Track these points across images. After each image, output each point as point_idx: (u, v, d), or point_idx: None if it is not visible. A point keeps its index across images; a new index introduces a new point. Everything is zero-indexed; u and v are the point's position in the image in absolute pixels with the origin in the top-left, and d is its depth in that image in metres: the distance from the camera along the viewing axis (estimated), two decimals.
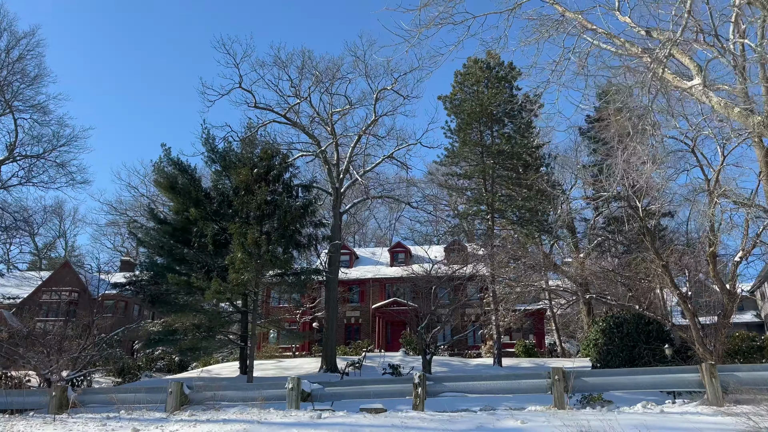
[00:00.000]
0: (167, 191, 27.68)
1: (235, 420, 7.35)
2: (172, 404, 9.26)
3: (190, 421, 7.43)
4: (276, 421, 7.49)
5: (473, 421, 7.29)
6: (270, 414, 8.07)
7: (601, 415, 7.56)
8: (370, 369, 31.46)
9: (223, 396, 9.50)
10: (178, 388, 9.67)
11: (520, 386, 9.72)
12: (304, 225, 28.66)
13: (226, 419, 7.40)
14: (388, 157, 34.89)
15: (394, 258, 45.00)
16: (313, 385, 9.63)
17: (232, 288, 24.66)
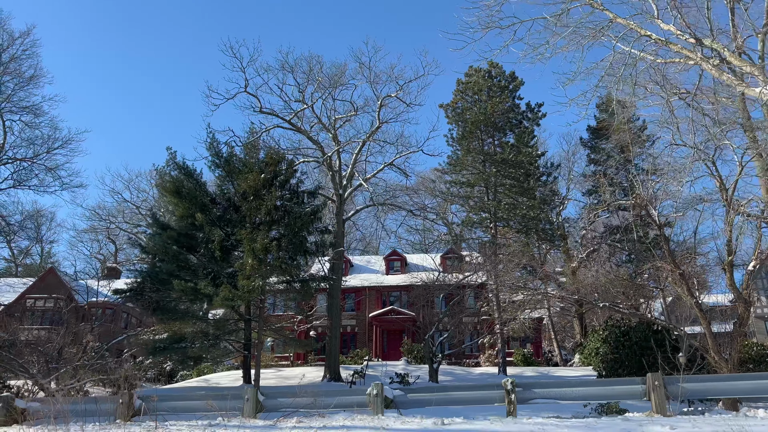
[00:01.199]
0: (173, 196, 27.05)
1: (356, 427, 7.01)
2: (248, 411, 8.92)
3: (302, 427, 7.10)
4: (397, 427, 7.19)
5: (615, 427, 7.10)
6: (381, 419, 7.76)
7: (734, 420, 7.48)
8: (374, 378, 31.09)
9: (297, 403, 9.18)
10: (254, 394, 9.33)
11: (614, 392, 9.61)
12: (312, 231, 28.29)
13: (346, 425, 7.05)
14: (389, 164, 34.80)
15: (389, 266, 44.78)
16: (395, 392, 9.37)
17: (242, 295, 24.17)
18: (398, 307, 41.37)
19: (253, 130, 32.31)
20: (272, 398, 9.55)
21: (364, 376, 30.53)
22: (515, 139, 33.92)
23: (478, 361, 37.99)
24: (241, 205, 27.45)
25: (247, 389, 9.58)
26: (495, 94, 35.07)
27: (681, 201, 23.40)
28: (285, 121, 31.88)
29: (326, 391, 9.67)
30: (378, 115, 33.23)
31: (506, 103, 34.94)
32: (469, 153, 34.18)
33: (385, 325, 40.99)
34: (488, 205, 32.58)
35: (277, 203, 26.39)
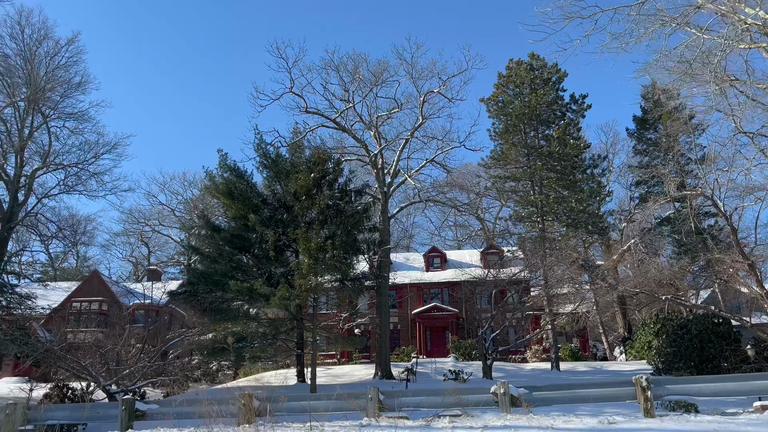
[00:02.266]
0: (225, 197, 27.23)
1: (517, 426, 6.84)
2: (372, 410, 8.86)
3: (462, 427, 7.01)
4: (561, 427, 7.05)
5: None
6: (541, 419, 7.62)
7: None
8: (425, 375, 31.01)
9: (419, 402, 9.10)
10: (376, 394, 9.27)
11: (754, 387, 9.36)
12: (362, 230, 28.28)
13: (508, 425, 6.88)
14: (430, 160, 34.63)
15: (429, 263, 44.59)
16: (520, 390, 9.25)
17: (300, 294, 24.26)
18: (440, 304, 41.21)
19: (297, 130, 32.35)
20: (391, 398, 9.48)
21: (415, 373, 30.43)
22: (560, 131, 33.48)
23: (525, 357, 37.65)
24: (293, 204, 27.54)
25: (369, 389, 9.52)
26: (538, 87, 34.66)
27: (741, 190, 22.94)
28: (330, 120, 31.90)
29: (439, 390, 9.56)
30: (421, 110, 33.09)
31: (549, 95, 34.51)
32: (513, 147, 33.86)
33: (428, 322, 40.86)
34: (536, 199, 32.22)
35: (329, 202, 26.41)
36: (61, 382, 25.46)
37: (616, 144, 48.79)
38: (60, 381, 25.41)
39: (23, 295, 31.07)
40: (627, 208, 43.97)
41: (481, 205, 55.06)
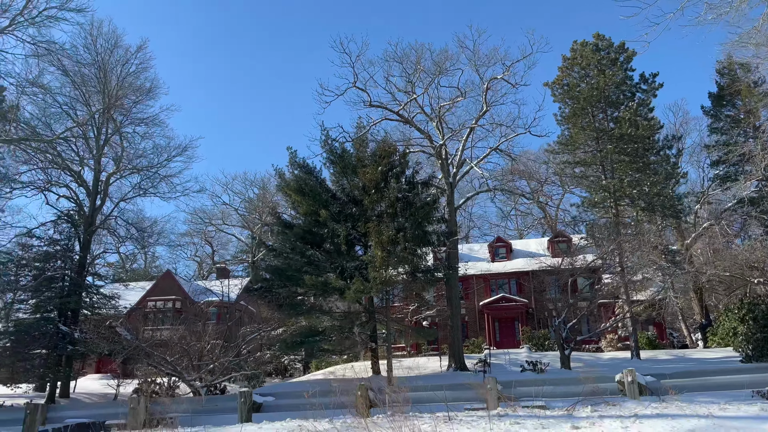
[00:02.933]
0: (296, 194, 27.57)
1: (694, 416, 6.63)
2: (492, 400, 8.75)
3: (611, 416, 6.81)
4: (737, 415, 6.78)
5: None
6: (688, 407, 7.37)
7: None
8: (499, 367, 30.61)
9: (537, 392, 8.94)
10: (494, 383, 9.16)
11: None
12: (431, 221, 28.13)
13: (668, 414, 6.69)
14: (495, 148, 34.10)
15: (494, 253, 44.02)
16: (647, 378, 8.97)
17: (374, 286, 24.33)
18: (508, 295, 40.66)
19: (361, 124, 32.42)
20: (508, 387, 9.35)
21: (489, 364, 30.11)
22: (631, 112, 32.30)
23: (599, 346, 36.70)
24: (362, 198, 27.62)
25: (487, 378, 9.40)
26: (605, 67, 33.53)
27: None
28: (393, 112, 31.83)
29: (559, 379, 9.34)
30: (484, 98, 32.59)
31: (618, 76, 33.33)
32: (582, 131, 32.89)
33: (496, 313, 40.38)
34: (608, 183, 31.24)
35: (398, 195, 26.37)
36: (149, 378, 26.40)
37: (686, 124, 46.86)
38: (148, 377, 26.33)
39: (108, 295, 32.51)
40: (700, 190, 42.17)
41: (544, 193, 54.16)
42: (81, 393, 32.53)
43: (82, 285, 31.11)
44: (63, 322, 29.91)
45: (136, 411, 9.53)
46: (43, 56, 22.58)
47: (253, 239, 68.80)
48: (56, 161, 33.31)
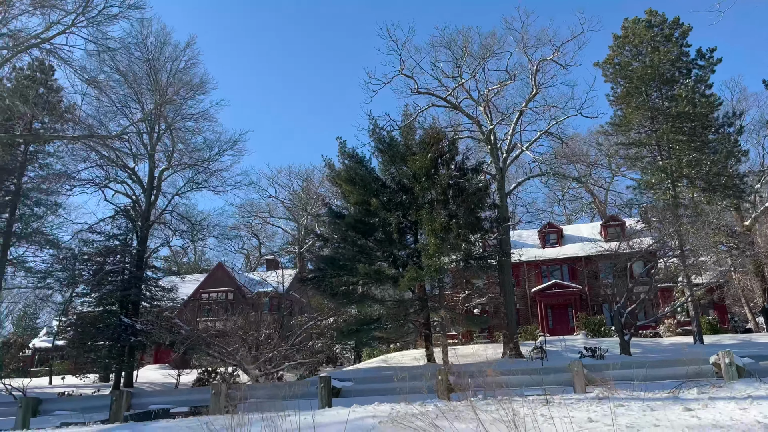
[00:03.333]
0: (347, 184, 27.65)
1: None
2: (580, 384, 8.59)
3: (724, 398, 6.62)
4: None
5: None
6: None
7: None
8: (555, 353, 30.17)
9: (625, 375, 8.71)
10: (581, 367, 9.00)
11: None
12: (483, 208, 27.82)
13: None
14: (545, 132, 33.41)
15: (545, 239, 43.31)
16: (744, 360, 8.68)
17: (429, 274, 24.25)
18: (561, 281, 39.98)
19: (407, 112, 32.23)
20: (595, 371, 9.13)
21: (545, 351, 29.70)
22: (688, 89, 31.16)
23: (657, 331, 35.76)
24: (412, 186, 27.52)
25: (573, 363, 9.21)
26: (659, 44, 32.41)
27: None
28: (440, 98, 31.52)
29: (647, 362, 9.08)
30: (534, 80, 31.92)
31: (672, 53, 32.17)
32: (636, 110, 31.90)
33: (548, 299, 39.78)
34: (666, 164, 30.26)
35: (450, 182, 26.16)
36: (210, 367, 27.10)
37: (744, 101, 44.99)
38: (209, 366, 27.02)
39: (166, 287, 33.40)
40: (760, 169, 40.48)
41: (593, 177, 52.78)
42: (143, 383, 33.56)
43: (141, 278, 32.03)
44: (124, 314, 30.87)
45: (218, 397, 9.71)
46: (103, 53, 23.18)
47: (300, 231, 69.76)
48: (112, 158, 34.30)
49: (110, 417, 9.97)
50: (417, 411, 6.71)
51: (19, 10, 16.85)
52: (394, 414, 6.70)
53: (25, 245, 35.51)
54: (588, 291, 39.13)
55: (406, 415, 6.40)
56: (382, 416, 6.61)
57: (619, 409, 6.08)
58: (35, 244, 35.06)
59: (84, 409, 10.85)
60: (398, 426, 6.14)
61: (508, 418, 5.91)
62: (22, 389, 28.12)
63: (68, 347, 30.98)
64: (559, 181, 51.31)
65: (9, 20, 15.91)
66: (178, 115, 35.88)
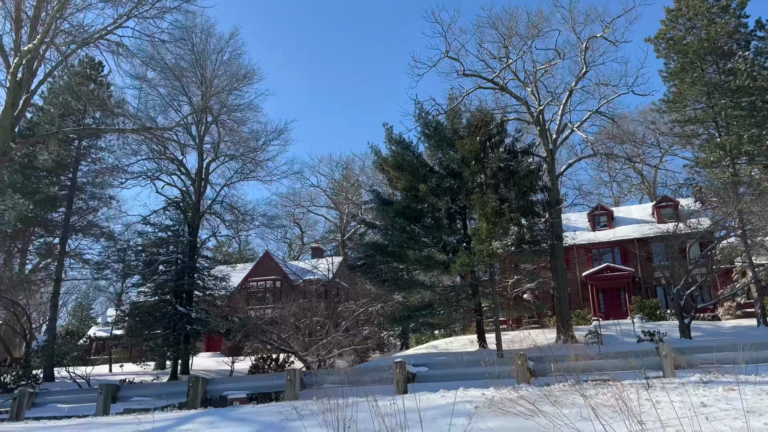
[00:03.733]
0: (394, 170, 27.48)
1: None
2: (669, 368, 8.31)
3: None
4: None
5: None
6: None
7: None
8: (611, 338, 29.52)
9: (722, 358, 8.39)
10: (670, 350, 8.72)
11: None
12: (535, 191, 27.31)
13: None
14: (595, 111, 32.54)
15: (595, 222, 42.35)
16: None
17: (481, 259, 23.95)
18: (612, 264, 39.06)
19: (453, 95, 31.82)
20: (685, 354, 8.84)
21: (600, 335, 29.10)
22: (747, 62, 29.81)
23: (715, 314, 34.60)
24: (461, 171, 27.19)
25: (663, 345, 8.91)
26: (715, 16, 31.06)
27: None
28: (487, 80, 31.02)
29: (760, 344, 8.71)
30: (583, 58, 31.07)
31: (730, 24, 30.80)
32: (692, 86, 30.70)
33: (600, 283, 38.94)
34: (725, 141, 29.09)
35: (500, 165, 25.72)
36: (264, 354, 27.45)
37: None
38: (264, 353, 27.37)
39: (219, 277, 34.00)
40: None
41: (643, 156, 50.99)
42: (198, 370, 34.31)
43: (194, 267, 32.63)
44: (179, 303, 31.55)
45: (294, 383, 9.74)
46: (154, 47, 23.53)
47: (342, 219, 70.12)
48: (161, 151, 34.96)
49: (188, 403, 10.12)
50: (511, 396, 6.53)
51: (77, 7, 17.16)
52: (488, 399, 6.55)
53: (81, 238, 36.67)
54: (641, 274, 38.15)
55: (503, 400, 6.24)
56: (477, 401, 6.47)
57: (730, 393, 5.79)
58: (91, 237, 36.13)
59: (160, 395, 11.07)
60: (497, 411, 5.98)
61: (612, 402, 5.68)
62: (86, 377, 29.10)
63: (126, 336, 31.88)
64: (605, 162, 50.09)
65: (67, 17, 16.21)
66: (224, 107, 36.25)
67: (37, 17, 16.17)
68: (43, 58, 16.62)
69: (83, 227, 35.96)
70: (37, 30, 16.15)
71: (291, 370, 9.91)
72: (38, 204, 33.88)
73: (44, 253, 36.13)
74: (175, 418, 8.09)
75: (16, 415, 11.19)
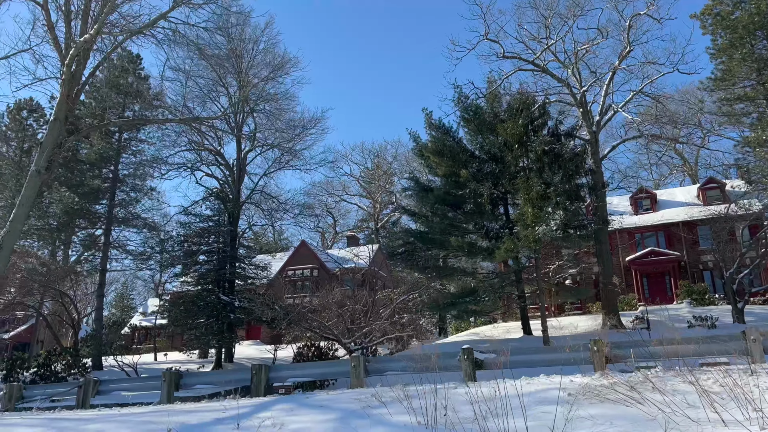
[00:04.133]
0: (435, 156, 27.19)
1: None
2: (759, 353, 7.96)
3: None
4: None
5: None
6: None
7: None
8: (659, 324, 28.78)
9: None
10: (757, 335, 8.32)
11: None
12: (580, 174, 26.71)
13: None
14: (638, 92, 31.58)
15: (637, 205, 41.38)
16: None
17: (528, 244, 23.57)
18: (656, 248, 38.11)
19: (491, 79, 31.19)
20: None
21: (648, 321, 28.46)
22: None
23: (767, 298, 33.53)
24: (503, 155, 26.75)
25: (751, 330, 8.53)
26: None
27: None
28: (528, 62, 30.33)
29: None
30: (627, 37, 30.19)
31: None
32: (742, 62, 29.53)
33: (644, 268, 38.05)
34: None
35: (545, 148, 25.18)
36: (309, 342, 27.56)
37: None
38: (310, 341, 27.46)
39: (260, 265, 34.25)
40: None
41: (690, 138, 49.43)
42: (241, 358, 34.72)
43: (235, 257, 32.88)
44: (221, 292, 31.87)
45: (358, 369, 9.64)
46: (192, 38, 23.52)
47: (375, 207, 70.11)
48: (200, 142, 35.24)
49: (253, 390, 10.11)
50: (602, 383, 6.26)
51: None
52: (581, 385, 6.30)
53: (123, 229, 37.30)
54: (687, 258, 37.15)
55: (598, 387, 5.98)
56: (569, 388, 6.23)
57: None
58: (133, 228, 36.72)
59: (222, 382, 11.09)
60: (593, 398, 5.73)
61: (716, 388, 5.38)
62: (133, 366, 29.63)
63: (172, 325, 32.35)
64: (648, 144, 48.74)
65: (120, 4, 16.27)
66: (261, 97, 36.30)
67: (88, 8, 16.28)
68: (91, 49, 16.76)
69: (125, 219, 36.55)
70: (87, 21, 16.29)
71: (355, 357, 9.80)
72: (83, 196, 34.52)
73: (88, 244, 36.85)
74: (252, 405, 8.06)
75: (82, 402, 11.37)
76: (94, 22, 16.25)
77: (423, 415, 5.83)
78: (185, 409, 8.44)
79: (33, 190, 17.42)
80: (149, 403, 10.91)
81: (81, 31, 16.41)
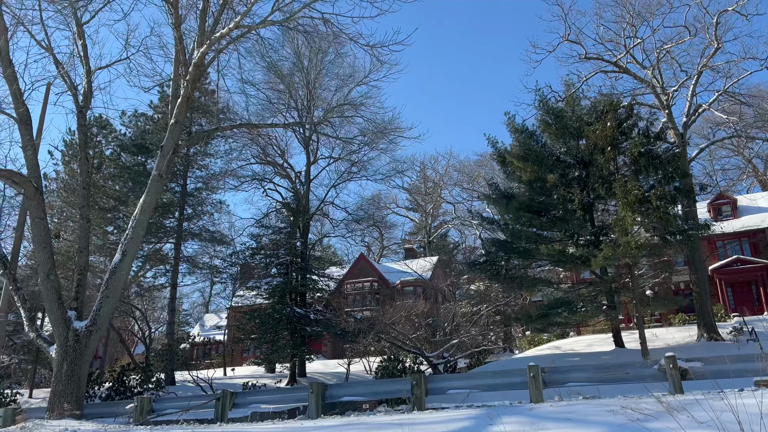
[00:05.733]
0: (518, 160, 26.21)
1: None
2: None
3: None
4: None
5: None
6: None
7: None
8: (762, 335, 27.09)
9: None
10: None
11: None
12: (677, 177, 25.37)
13: None
14: (722, 92, 30.12)
15: (717, 212, 39.52)
16: None
17: (628, 251, 22.28)
18: (742, 256, 36.17)
19: (569, 82, 30.24)
20: None
21: (755, 332, 26.72)
22: None
23: None
24: (591, 159, 25.62)
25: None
26: None
27: None
28: (610, 63, 29.22)
29: None
30: (715, 34, 28.78)
31: None
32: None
33: (728, 277, 36.14)
34: None
35: (642, 150, 23.99)
36: (392, 355, 26.76)
37: None
38: (391, 353, 26.68)
39: (332, 278, 33.69)
40: None
41: None
42: (314, 372, 34.06)
43: (307, 268, 32.39)
44: (295, 304, 31.37)
45: (537, 381, 8.74)
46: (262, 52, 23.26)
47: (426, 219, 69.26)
48: (269, 153, 35.03)
49: (414, 402, 9.30)
50: None
51: None
52: None
53: (193, 243, 37.27)
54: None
55: None
56: None
57: None
58: (203, 242, 36.63)
59: (368, 393, 10.30)
60: None
61: None
62: (208, 380, 29.23)
63: (246, 339, 31.92)
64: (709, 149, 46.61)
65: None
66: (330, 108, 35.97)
67: (206, 6, 16.06)
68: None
69: (195, 233, 36.51)
70: (205, 19, 16.05)
71: (533, 367, 8.90)
72: (155, 211, 34.56)
73: (159, 258, 36.91)
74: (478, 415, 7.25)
75: (221, 415, 10.78)
76: (215, 21, 16.10)
77: (719, 428, 4.88)
78: (366, 422, 7.58)
79: (154, 195, 17.27)
80: (282, 414, 10.28)
81: (200, 30, 16.19)
